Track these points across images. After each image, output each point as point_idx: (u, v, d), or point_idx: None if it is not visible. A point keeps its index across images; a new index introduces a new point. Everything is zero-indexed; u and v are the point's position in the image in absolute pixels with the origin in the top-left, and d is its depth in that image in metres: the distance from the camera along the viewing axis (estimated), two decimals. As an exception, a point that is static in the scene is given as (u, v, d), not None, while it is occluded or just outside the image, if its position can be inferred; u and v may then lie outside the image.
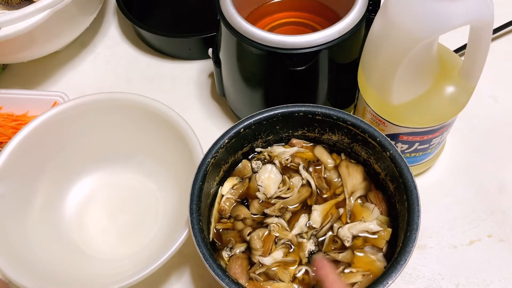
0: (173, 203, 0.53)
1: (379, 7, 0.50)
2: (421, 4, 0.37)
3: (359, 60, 0.48)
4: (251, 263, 0.43)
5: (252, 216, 0.46)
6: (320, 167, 0.48)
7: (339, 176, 0.47)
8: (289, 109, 0.46)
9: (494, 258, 0.51)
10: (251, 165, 0.48)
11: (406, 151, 0.51)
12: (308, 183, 0.47)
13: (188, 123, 0.51)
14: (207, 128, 0.63)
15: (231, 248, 0.44)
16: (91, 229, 0.54)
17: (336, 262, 0.42)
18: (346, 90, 0.57)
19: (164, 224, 0.53)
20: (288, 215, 0.45)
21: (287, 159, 0.49)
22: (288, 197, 0.46)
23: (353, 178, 0.46)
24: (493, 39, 0.67)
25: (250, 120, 0.46)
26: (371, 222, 0.44)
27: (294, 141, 0.49)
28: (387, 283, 0.37)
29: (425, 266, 0.51)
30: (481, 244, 0.52)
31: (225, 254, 0.43)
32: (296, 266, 0.42)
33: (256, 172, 0.48)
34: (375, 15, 0.44)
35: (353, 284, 0.41)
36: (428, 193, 0.55)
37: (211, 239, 0.45)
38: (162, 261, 0.44)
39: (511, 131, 0.60)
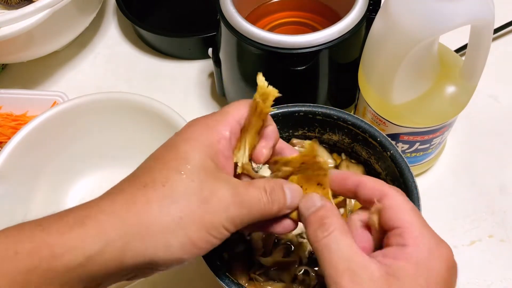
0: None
1: (379, 6, 0.50)
2: (422, 3, 0.37)
3: (360, 60, 0.48)
4: (251, 263, 0.43)
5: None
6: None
7: (340, 176, 0.47)
8: (289, 109, 0.45)
9: (495, 259, 0.51)
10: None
11: (406, 151, 0.51)
12: (309, 183, 0.47)
13: (188, 123, 0.51)
14: (207, 128, 0.63)
15: (231, 248, 0.44)
16: (90, 229, 0.54)
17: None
18: (346, 90, 0.57)
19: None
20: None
21: (287, 159, 0.48)
22: (288, 197, 0.46)
23: (354, 178, 0.46)
24: (494, 39, 0.67)
25: (250, 120, 0.46)
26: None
27: (295, 141, 0.49)
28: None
29: (426, 267, 0.51)
30: (481, 244, 0.52)
31: (225, 254, 0.43)
32: (297, 266, 0.42)
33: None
34: (375, 15, 0.44)
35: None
36: (428, 193, 0.55)
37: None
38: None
39: (512, 131, 0.60)
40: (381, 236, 0.31)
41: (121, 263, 0.26)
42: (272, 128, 0.34)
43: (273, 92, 0.31)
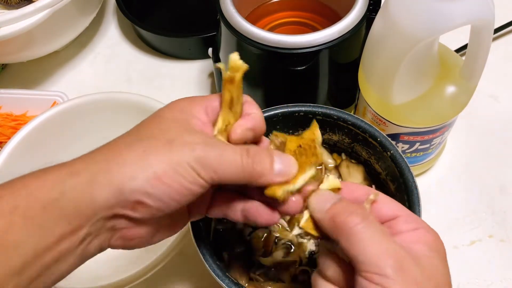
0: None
1: (379, 6, 0.50)
2: (422, 3, 0.37)
3: (360, 60, 0.48)
4: (251, 264, 0.43)
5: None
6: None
7: (340, 176, 0.47)
8: (289, 109, 0.45)
9: (495, 259, 0.51)
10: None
11: (407, 151, 0.51)
12: (309, 183, 0.46)
13: (188, 123, 0.51)
14: (207, 128, 0.63)
15: (231, 248, 0.44)
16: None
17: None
18: (346, 90, 0.57)
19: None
20: (288, 216, 0.45)
21: (287, 159, 0.48)
22: (288, 197, 0.46)
23: (354, 178, 0.46)
24: (494, 39, 0.67)
25: (250, 120, 0.46)
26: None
27: (294, 141, 0.49)
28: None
29: (426, 267, 0.51)
30: (481, 244, 0.52)
31: (225, 254, 0.43)
32: (297, 266, 0.42)
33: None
34: (375, 15, 0.44)
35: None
36: (428, 193, 0.55)
37: (211, 239, 0.44)
38: (160, 260, 0.44)
39: (512, 131, 0.60)
40: None
41: (92, 198, 0.27)
42: (254, 115, 0.33)
43: (243, 66, 0.32)
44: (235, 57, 0.32)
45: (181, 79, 0.68)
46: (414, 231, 0.29)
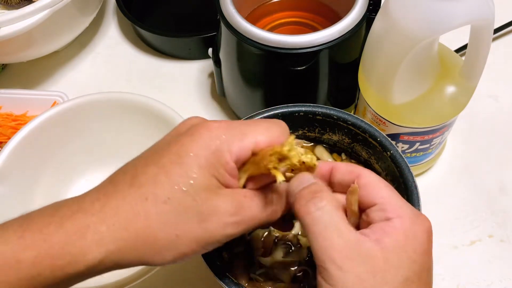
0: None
1: (379, 6, 0.50)
2: (422, 3, 0.37)
3: (360, 60, 0.48)
4: (251, 263, 0.43)
5: (252, 216, 0.45)
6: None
7: (340, 176, 0.47)
8: (289, 109, 0.45)
9: (494, 259, 0.51)
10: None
11: (406, 151, 0.51)
12: (309, 183, 0.46)
13: (188, 123, 0.51)
14: (207, 128, 0.63)
15: (231, 248, 0.44)
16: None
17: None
18: (346, 90, 0.57)
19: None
20: (288, 215, 0.45)
21: (287, 159, 0.48)
22: (288, 197, 0.46)
23: (354, 178, 0.46)
24: (494, 39, 0.67)
25: (250, 120, 0.46)
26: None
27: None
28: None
29: (426, 267, 0.51)
30: (481, 244, 0.52)
31: (225, 254, 0.43)
32: (296, 266, 0.42)
33: None
34: (375, 15, 0.44)
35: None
36: (428, 193, 0.55)
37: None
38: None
39: (512, 131, 0.60)
40: (356, 217, 0.31)
41: (117, 266, 0.28)
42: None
43: (315, 166, 0.30)
44: (295, 147, 0.29)
45: (181, 79, 0.68)
46: (386, 222, 0.28)
